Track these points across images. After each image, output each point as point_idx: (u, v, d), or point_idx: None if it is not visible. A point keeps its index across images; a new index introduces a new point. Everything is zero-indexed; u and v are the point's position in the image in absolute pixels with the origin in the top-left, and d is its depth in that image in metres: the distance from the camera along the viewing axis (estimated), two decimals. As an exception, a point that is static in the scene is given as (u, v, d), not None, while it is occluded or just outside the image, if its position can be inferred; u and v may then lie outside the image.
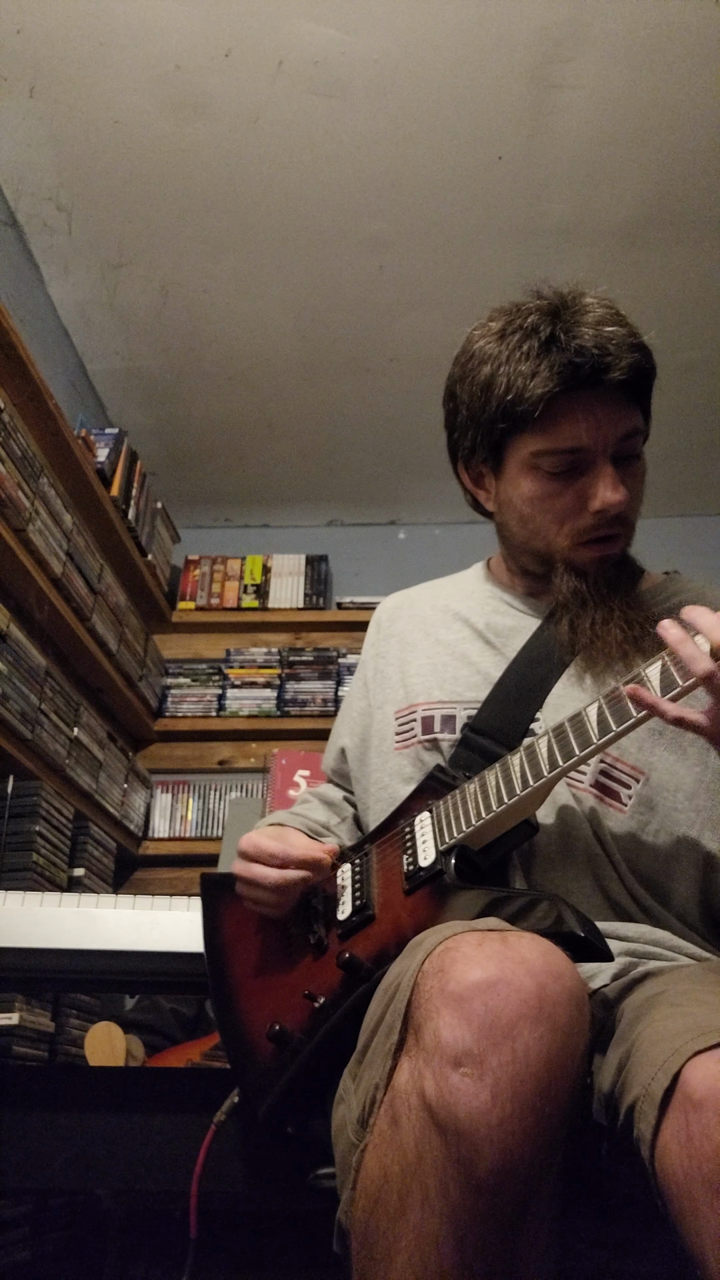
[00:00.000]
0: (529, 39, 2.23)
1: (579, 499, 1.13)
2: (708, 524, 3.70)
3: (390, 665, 1.33)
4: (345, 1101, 0.88)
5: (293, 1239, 1.77)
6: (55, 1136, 1.29)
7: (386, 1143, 0.76)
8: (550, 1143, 0.73)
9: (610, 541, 1.16)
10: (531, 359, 1.10)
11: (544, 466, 1.13)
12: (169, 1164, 1.22)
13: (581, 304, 1.13)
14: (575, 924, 0.86)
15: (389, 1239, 0.74)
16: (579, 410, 1.10)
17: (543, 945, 0.79)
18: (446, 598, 1.35)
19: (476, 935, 0.81)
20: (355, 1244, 0.78)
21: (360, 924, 1.04)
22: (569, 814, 1.11)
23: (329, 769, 1.43)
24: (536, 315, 1.12)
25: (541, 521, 1.17)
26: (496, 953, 0.77)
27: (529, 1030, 0.73)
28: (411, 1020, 0.79)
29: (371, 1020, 0.87)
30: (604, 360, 1.08)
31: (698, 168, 2.51)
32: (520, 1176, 0.71)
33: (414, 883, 1.03)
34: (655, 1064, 0.78)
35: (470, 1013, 0.74)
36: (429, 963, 0.80)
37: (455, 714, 1.21)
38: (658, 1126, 0.75)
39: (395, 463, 3.55)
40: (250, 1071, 1.06)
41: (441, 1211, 0.71)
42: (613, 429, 1.11)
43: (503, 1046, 0.72)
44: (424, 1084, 0.74)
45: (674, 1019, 0.84)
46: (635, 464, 1.16)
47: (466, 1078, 0.72)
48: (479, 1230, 0.71)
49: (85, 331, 3.04)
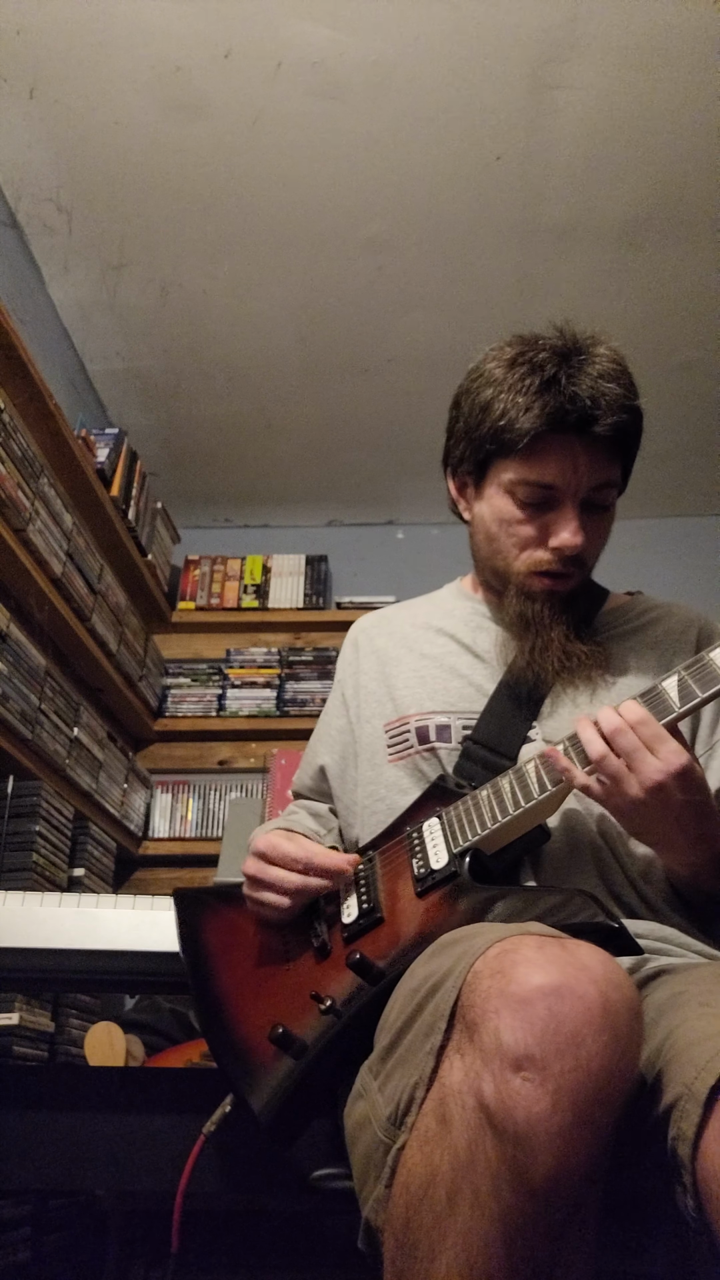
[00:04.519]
0: (527, 40, 2.23)
1: (542, 532, 1.20)
2: (707, 524, 3.70)
3: (372, 680, 1.35)
4: (365, 1098, 0.87)
5: (293, 1239, 1.77)
6: (55, 1136, 1.29)
7: (434, 1141, 0.76)
8: (603, 1151, 0.73)
9: (561, 579, 1.21)
10: (529, 394, 1.15)
11: (518, 494, 1.19)
12: (169, 1164, 1.22)
13: (592, 353, 1.17)
14: (607, 916, 0.88)
15: (434, 1237, 0.73)
16: (562, 451, 1.16)
17: (601, 954, 0.79)
18: (426, 615, 1.38)
19: (535, 939, 0.80)
20: (391, 1241, 0.77)
21: (368, 926, 1.05)
22: (575, 817, 1.13)
23: (304, 788, 1.44)
24: (547, 354, 1.17)
25: (504, 543, 1.22)
26: (558, 958, 0.77)
27: (593, 1039, 0.72)
28: (464, 1019, 0.78)
29: (399, 1018, 0.87)
30: (593, 412, 1.13)
31: (696, 168, 2.52)
32: (573, 1184, 0.71)
33: (426, 885, 1.03)
34: (698, 1064, 0.79)
35: (533, 1016, 0.73)
36: (484, 963, 0.79)
37: (450, 724, 1.23)
38: (701, 1126, 0.76)
39: (395, 463, 3.55)
40: (249, 1077, 1.04)
41: (492, 1213, 0.71)
42: (588, 476, 1.17)
43: (566, 1054, 0.72)
44: (482, 1085, 0.73)
45: (710, 1019, 0.84)
46: (603, 514, 1.22)
47: (528, 1082, 0.71)
48: (528, 1234, 0.71)
49: (85, 332, 3.04)
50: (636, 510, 3.44)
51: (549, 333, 1.21)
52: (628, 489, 1.26)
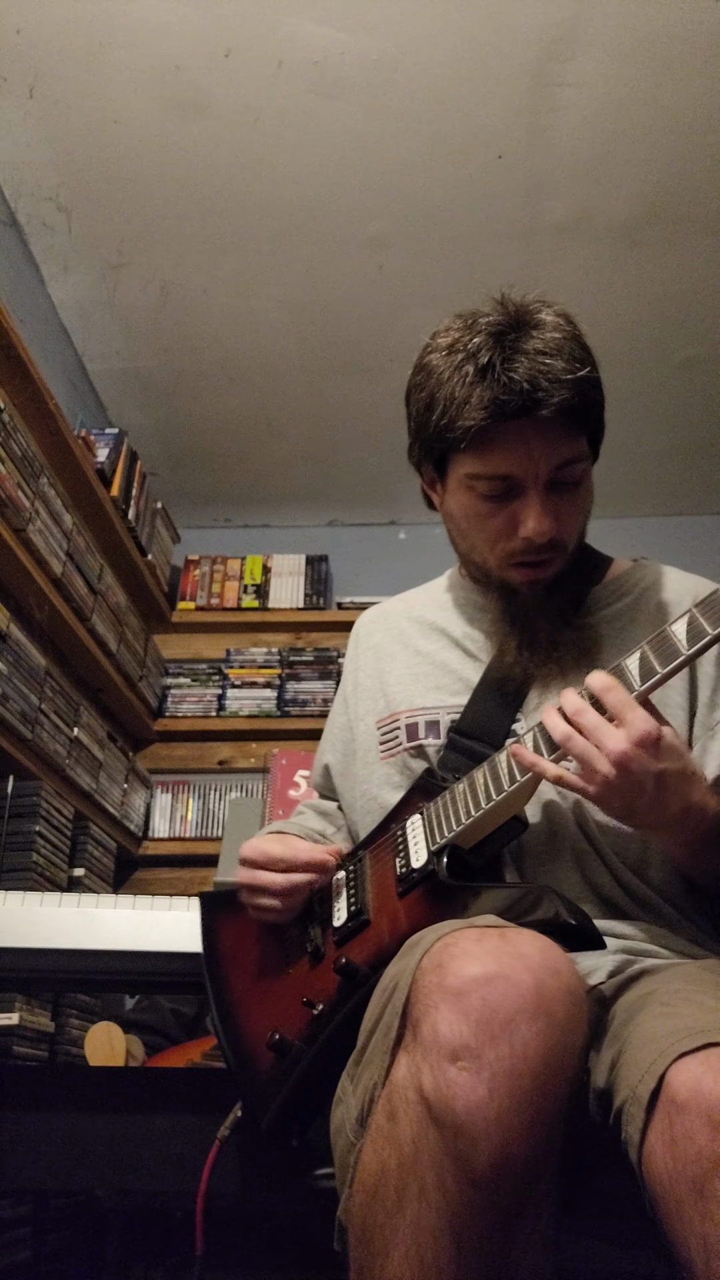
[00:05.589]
0: (529, 37, 2.23)
1: (510, 522, 1.13)
2: (707, 523, 3.70)
3: (368, 677, 1.34)
4: (344, 1102, 0.88)
5: (293, 1239, 1.77)
6: (55, 1136, 1.29)
7: (384, 1138, 0.77)
8: (547, 1138, 0.73)
9: (540, 566, 1.16)
10: (466, 385, 1.08)
11: (477, 488, 1.13)
12: (169, 1164, 1.22)
13: (534, 321, 1.09)
14: (566, 913, 0.87)
15: (386, 1233, 0.74)
16: (512, 438, 1.08)
17: (541, 941, 0.79)
18: (421, 608, 1.36)
19: (475, 931, 0.81)
20: (353, 1239, 0.78)
21: (356, 929, 1.05)
22: (554, 809, 1.12)
23: (316, 785, 1.44)
24: (482, 336, 1.09)
25: (476, 539, 1.18)
26: (495, 948, 0.78)
27: (526, 1025, 0.73)
28: (410, 1016, 0.79)
29: (370, 1021, 0.87)
30: (534, 396, 1.05)
31: (698, 165, 2.51)
32: (517, 1171, 0.72)
33: (407, 884, 1.03)
34: (642, 1066, 0.79)
35: (468, 1007, 0.74)
36: (427, 959, 0.80)
37: (439, 719, 1.21)
38: (644, 1129, 0.76)
39: (395, 463, 3.50)
40: (252, 1083, 1.05)
41: (439, 1205, 0.72)
42: (545, 459, 1.09)
43: (500, 1041, 0.72)
44: (421, 1078, 0.74)
45: (662, 1020, 0.84)
46: (574, 490, 1.14)
47: (464, 1072, 0.72)
48: (476, 1224, 0.71)
49: (85, 331, 3.04)
50: (636, 508, 3.41)
51: (489, 306, 1.13)
52: (628, 488, 1.24)
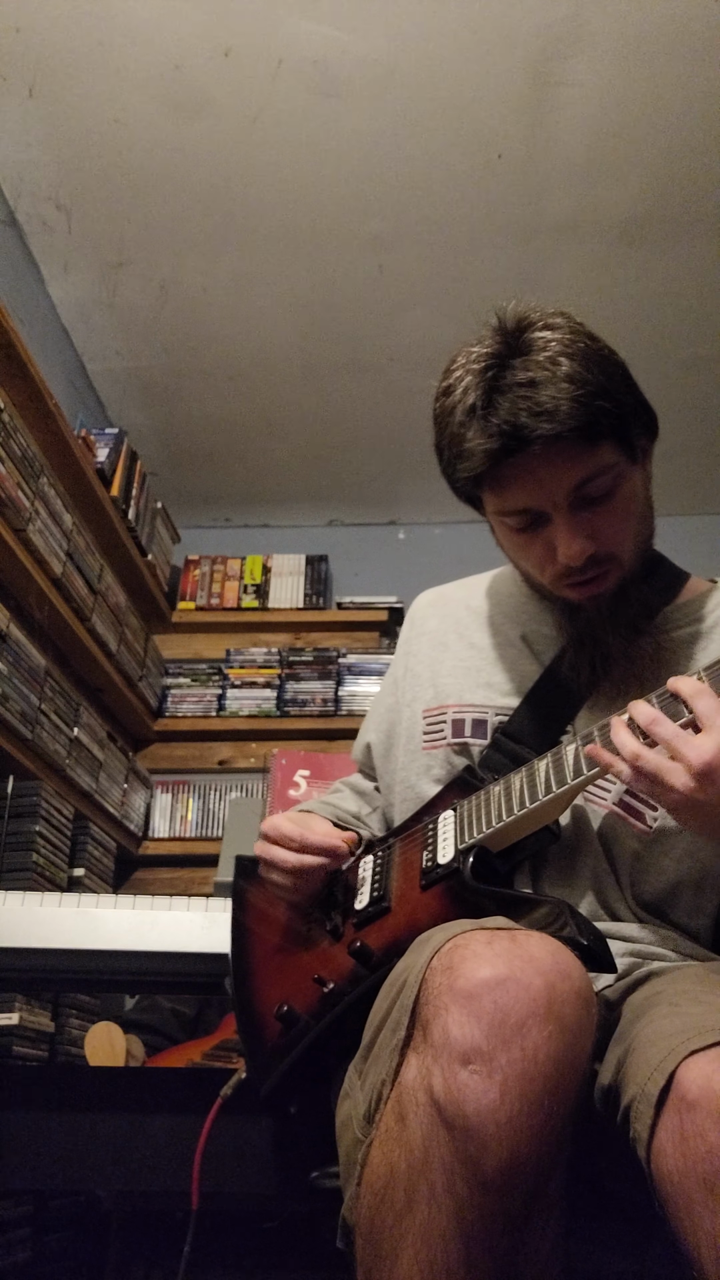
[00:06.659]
0: (529, 36, 2.23)
1: (548, 549, 1.10)
2: (707, 522, 3.69)
3: (420, 664, 1.30)
4: (350, 1097, 0.88)
5: (293, 1239, 1.77)
6: (55, 1136, 1.29)
7: (393, 1139, 0.76)
8: (557, 1141, 0.74)
9: (594, 582, 1.11)
10: (460, 431, 1.06)
11: (508, 523, 1.11)
12: (169, 1164, 1.22)
13: (523, 345, 1.05)
14: (579, 933, 0.86)
15: (395, 1235, 0.74)
16: (519, 473, 1.05)
17: (551, 944, 0.79)
18: (481, 599, 1.32)
19: (485, 933, 0.81)
20: (360, 1240, 0.78)
21: (376, 914, 1.06)
22: (583, 830, 1.10)
23: (357, 760, 1.42)
24: (471, 376, 1.06)
25: (526, 565, 1.16)
26: (506, 950, 0.77)
27: (538, 1029, 0.73)
28: (419, 1016, 0.79)
29: (378, 1015, 0.87)
30: (518, 435, 1.01)
31: (698, 164, 2.51)
32: (527, 1174, 0.72)
33: (430, 879, 1.03)
34: (651, 1064, 0.79)
35: (479, 1010, 0.74)
36: (437, 959, 0.80)
37: (487, 719, 1.19)
38: (653, 1127, 0.76)
39: (395, 463, 3.54)
40: (257, 1050, 1.08)
41: (448, 1208, 0.72)
42: (558, 485, 1.05)
43: (512, 1044, 0.72)
44: (432, 1080, 0.74)
45: (671, 1019, 0.84)
46: (607, 501, 1.08)
47: (475, 1075, 0.72)
48: (486, 1227, 0.71)
49: (85, 331, 3.04)
50: (637, 510, 3.43)
51: (487, 329, 1.09)
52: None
